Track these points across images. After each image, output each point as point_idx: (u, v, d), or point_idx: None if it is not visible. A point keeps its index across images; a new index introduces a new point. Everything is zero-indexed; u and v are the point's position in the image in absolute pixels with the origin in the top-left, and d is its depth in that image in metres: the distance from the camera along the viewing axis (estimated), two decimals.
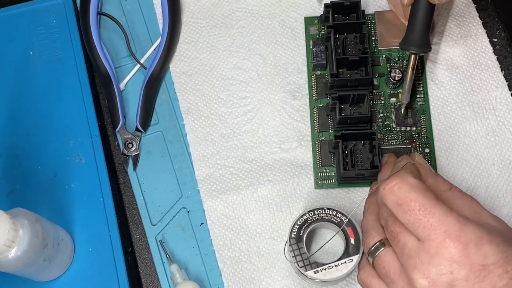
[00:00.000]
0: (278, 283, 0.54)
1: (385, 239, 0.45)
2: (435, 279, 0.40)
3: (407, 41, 0.54)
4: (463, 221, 0.41)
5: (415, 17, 0.54)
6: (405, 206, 0.42)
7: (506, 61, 0.59)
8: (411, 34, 0.54)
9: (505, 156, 0.56)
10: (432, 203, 0.41)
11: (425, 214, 0.41)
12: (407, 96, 0.56)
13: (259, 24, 0.62)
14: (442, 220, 0.40)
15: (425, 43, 0.54)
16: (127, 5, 0.64)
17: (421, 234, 0.41)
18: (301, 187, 0.57)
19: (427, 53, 0.56)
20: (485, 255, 0.40)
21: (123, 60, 0.62)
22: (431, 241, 0.40)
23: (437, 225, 0.40)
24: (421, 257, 0.41)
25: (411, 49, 0.54)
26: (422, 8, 0.53)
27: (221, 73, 0.61)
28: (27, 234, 0.46)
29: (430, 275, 0.40)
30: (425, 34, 0.54)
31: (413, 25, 0.54)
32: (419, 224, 0.41)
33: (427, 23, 0.54)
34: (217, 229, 0.56)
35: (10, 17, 0.63)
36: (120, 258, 0.55)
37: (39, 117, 0.59)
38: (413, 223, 0.41)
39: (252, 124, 0.59)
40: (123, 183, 0.59)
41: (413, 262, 0.41)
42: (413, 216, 0.41)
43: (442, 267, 0.40)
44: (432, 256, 0.40)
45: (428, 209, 0.41)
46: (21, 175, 0.57)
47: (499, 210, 0.54)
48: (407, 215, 0.42)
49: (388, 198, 0.43)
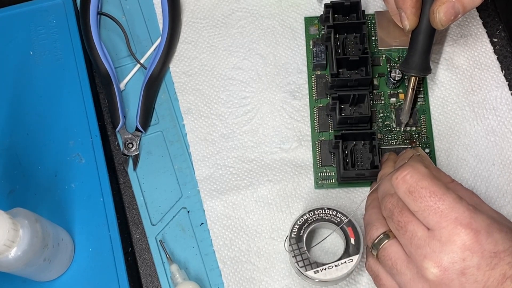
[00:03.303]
0: (278, 283, 0.54)
1: (389, 231, 0.45)
2: (447, 267, 0.40)
3: (408, 64, 0.54)
4: (472, 209, 0.41)
5: (416, 40, 0.53)
6: (416, 193, 0.42)
7: (506, 61, 0.59)
8: (412, 57, 0.54)
9: (505, 156, 0.56)
10: (442, 190, 0.42)
11: (435, 201, 0.41)
12: (407, 116, 0.56)
13: (259, 24, 0.62)
14: (452, 207, 0.41)
15: (426, 66, 0.54)
16: (127, 5, 0.64)
17: (431, 222, 0.41)
18: (301, 187, 0.57)
19: (427, 75, 0.56)
20: (496, 243, 0.40)
21: (123, 60, 0.62)
22: (442, 229, 0.40)
23: (448, 212, 0.41)
24: (431, 246, 0.41)
25: (412, 72, 0.54)
26: (423, 32, 0.53)
27: (221, 73, 0.61)
28: (27, 234, 0.46)
29: (442, 263, 0.40)
30: (426, 57, 0.54)
31: (414, 48, 0.54)
32: (429, 211, 0.41)
33: (428, 47, 0.53)
34: (217, 229, 0.56)
35: (10, 17, 0.63)
36: (120, 258, 0.55)
37: (39, 117, 0.59)
38: (423, 210, 0.41)
39: (252, 124, 0.59)
40: (123, 183, 0.59)
41: (423, 251, 0.41)
42: (424, 203, 0.41)
43: (454, 254, 0.40)
44: (444, 244, 0.40)
45: (438, 196, 0.41)
46: (21, 175, 0.57)
47: (499, 210, 0.54)
48: (418, 202, 0.42)
49: (400, 186, 0.43)
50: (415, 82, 0.55)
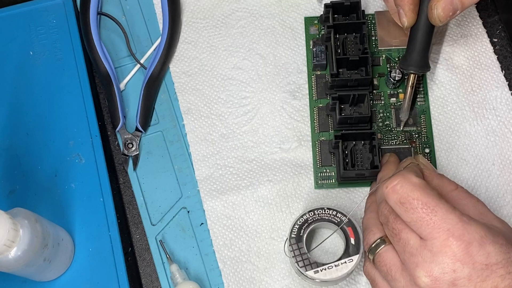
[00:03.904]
0: (278, 283, 0.54)
1: (386, 236, 0.45)
2: (438, 277, 0.40)
3: (407, 61, 0.54)
4: (466, 220, 0.41)
5: (415, 37, 0.53)
6: (407, 204, 0.42)
7: (506, 61, 0.59)
8: (411, 54, 0.54)
9: (505, 156, 0.56)
10: (434, 201, 0.41)
11: (427, 213, 0.41)
12: (406, 113, 0.56)
13: (259, 24, 0.62)
14: (445, 219, 0.40)
15: (425, 63, 0.54)
16: (127, 5, 0.64)
17: (423, 232, 0.41)
18: (301, 187, 0.57)
19: (426, 73, 0.56)
20: (488, 255, 0.40)
21: (123, 60, 0.62)
22: (434, 240, 0.40)
23: (440, 223, 0.40)
24: (423, 255, 0.41)
25: (410, 69, 0.54)
26: (422, 29, 0.53)
27: (221, 73, 0.61)
28: (27, 234, 0.46)
29: (432, 273, 0.40)
30: (425, 55, 0.54)
31: (412, 45, 0.54)
32: (422, 222, 0.41)
33: (427, 44, 0.53)
34: (217, 229, 0.56)
35: (10, 17, 0.63)
36: (120, 258, 0.55)
37: (39, 117, 0.59)
38: (415, 221, 0.41)
39: (252, 124, 0.59)
40: (123, 183, 0.59)
41: (415, 260, 0.41)
42: (416, 214, 0.41)
43: (444, 265, 0.40)
44: (434, 254, 0.40)
45: (431, 207, 0.41)
46: (21, 175, 0.57)
47: (499, 210, 0.54)
48: (410, 213, 0.42)
49: (391, 197, 0.43)
50: (414, 80, 0.55)
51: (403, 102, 0.56)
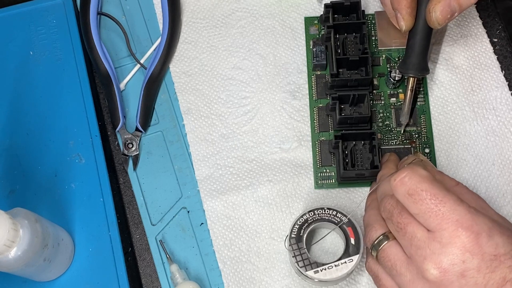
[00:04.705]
0: (278, 283, 0.54)
1: (389, 232, 0.45)
2: (447, 269, 0.40)
3: (406, 64, 0.54)
4: (474, 211, 0.41)
5: (413, 40, 0.53)
6: (416, 196, 0.42)
7: (506, 61, 0.59)
8: (410, 58, 0.54)
9: (505, 156, 0.56)
10: (443, 193, 0.41)
11: (436, 203, 0.41)
12: (406, 117, 0.56)
13: (259, 24, 0.62)
14: (454, 209, 0.41)
15: (424, 66, 0.54)
16: (127, 5, 0.64)
17: (432, 224, 0.41)
18: (301, 187, 0.57)
19: (425, 76, 0.56)
20: (497, 246, 0.40)
21: (123, 60, 0.62)
22: (443, 231, 0.40)
23: (449, 214, 0.40)
24: (432, 247, 0.41)
25: (410, 72, 0.54)
26: (420, 32, 0.53)
27: (221, 73, 0.61)
28: (27, 234, 0.46)
29: (442, 264, 0.40)
30: (424, 58, 0.54)
31: (411, 49, 0.54)
32: (430, 213, 0.41)
33: (426, 47, 0.53)
34: (217, 229, 0.56)
35: (10, 17, 0.63)
36: (120, 258, 0.55)
37: (39, 117, 0.59)
38: (424, 212, 0.41)
39: (252, 124, 0.59)
40: (123, 183, 0.59)
41: (423, 252, 0.41)
42: (425, 205, 0.41)
43: (454, 256, 0.40)
44: (444, 246, 0.40)
45: (439, 198, 0.41)
46: (21, 175, 0.57)
47: (499, 210, 0.54)
48: (418, 204, 0.42)
49: (399, 189, 0.43)
50: (413, 83, 0.55)
51: (403, 105, 0.56)
